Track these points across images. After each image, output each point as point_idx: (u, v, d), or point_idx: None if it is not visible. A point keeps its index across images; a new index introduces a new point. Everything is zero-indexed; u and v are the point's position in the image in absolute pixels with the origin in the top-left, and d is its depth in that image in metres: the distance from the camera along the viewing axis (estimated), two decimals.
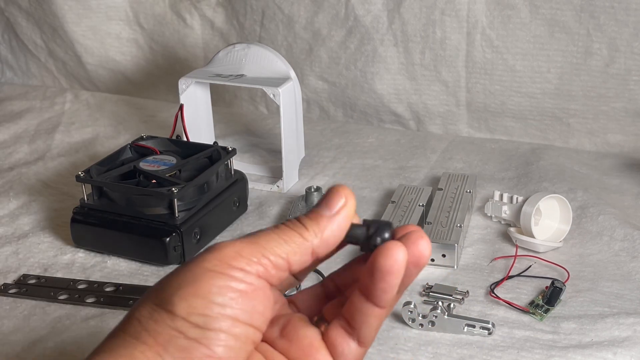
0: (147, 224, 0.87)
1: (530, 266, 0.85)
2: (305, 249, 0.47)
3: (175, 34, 1.35)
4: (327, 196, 0.49)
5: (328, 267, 0.55)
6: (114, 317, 0.79)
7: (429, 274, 0.84)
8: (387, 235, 0.47)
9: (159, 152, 0.96)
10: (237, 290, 0.44)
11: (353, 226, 0.49)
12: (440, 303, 0.75)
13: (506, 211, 0.92)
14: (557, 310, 0.78)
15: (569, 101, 1.15)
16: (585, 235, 0.91)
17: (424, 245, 0.47)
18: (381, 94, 1.23)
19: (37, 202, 1.03)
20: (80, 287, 0.84)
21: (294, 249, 0.47)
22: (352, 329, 0.48)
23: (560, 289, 0.78)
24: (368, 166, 1.12)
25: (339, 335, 0.48)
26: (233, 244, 0.46)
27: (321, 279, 0.69)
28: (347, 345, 0.48)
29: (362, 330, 0.48)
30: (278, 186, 1.04)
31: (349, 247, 0.50)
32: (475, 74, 1.17)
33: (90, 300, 0.82)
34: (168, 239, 0.86)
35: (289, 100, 1.01)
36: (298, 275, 0.49)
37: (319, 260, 0.49)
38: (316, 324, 0.50)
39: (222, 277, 0.44)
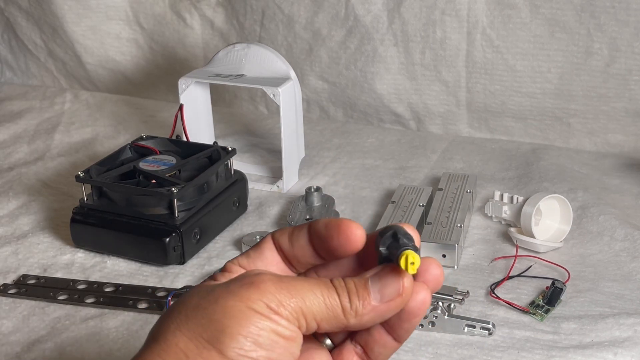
0: (147, 224, 0.87)
1: (530, 266, 0.85)
2: (339, 324, 0.46)
3: (175, 34, 1.35)
4: (386, 276, 0.46)
5: None
6: (113, 318, 0.79)
7: None
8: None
9: (158, 152, 0.96)
10: (282, 335, 0.45)
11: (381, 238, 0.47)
12: (440, 303, 0.75)
13: (506, 211, 0.92)
14: (557, 310, 0.77)
15: (569, 101, 1.14)
16: (585, 236, 0.91)
17: (437, 270, 0.48)
18: (381, 94, 1.23)
19: (36, 202, 1.03)
20: (79, 287, 0.84)
21: (330, 319, 0.46)
22: (369, 358, 0.49)
23: (561, 289, 0.78)
24: (368, 166, 1.11)
25: None
26: (277, 289, 0.45)
27: None
28: None
29: None
30: (278, 186, 1.04)
31: None
32: (476, 73, 1.17)
33: (89, 300, 0.82)
34: (168, 239, 0.86)
35: (289, 100, 1.01)
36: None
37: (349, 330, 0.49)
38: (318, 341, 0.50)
39: (268, 321, 0.44)
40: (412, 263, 0.45)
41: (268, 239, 0.50)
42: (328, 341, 0.50)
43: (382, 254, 0.46)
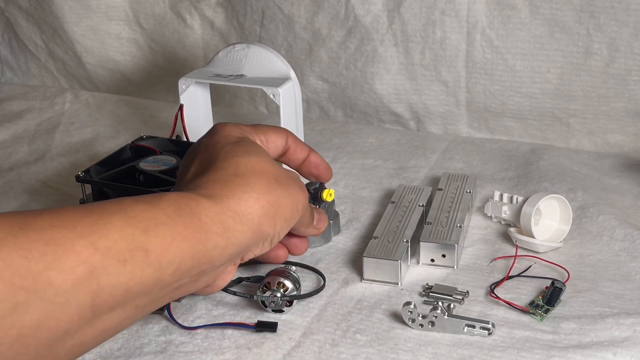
0: None
1: (530, 266, 0.85)
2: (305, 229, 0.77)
3: (175, 34, 1.35)
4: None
5: None
6: None
7: (429, 274, 0.84)
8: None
9: (158, 152, 0.96)
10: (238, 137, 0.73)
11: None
12: (440, 303, 0.75)
13: (506, 211, 0.92)
14: (557, 310, 0.78)
15: (569, 101, 1.15)
16: (585, 236, 0.91)
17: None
18: (381, 94, 1.23)
19: (37, 202, 1.03)
20: None
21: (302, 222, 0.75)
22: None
23: (560, 289, 0.78)
24: (368, 166, 1.12)
25: None
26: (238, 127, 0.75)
27: None
28: None
29: None
30: None
31: None
32: (475, 74, 1.17)
33: None
34: None
35: (289, 100, 1.01)
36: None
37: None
38: None
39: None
40: (330, 195, 0.83)
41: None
42: None
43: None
